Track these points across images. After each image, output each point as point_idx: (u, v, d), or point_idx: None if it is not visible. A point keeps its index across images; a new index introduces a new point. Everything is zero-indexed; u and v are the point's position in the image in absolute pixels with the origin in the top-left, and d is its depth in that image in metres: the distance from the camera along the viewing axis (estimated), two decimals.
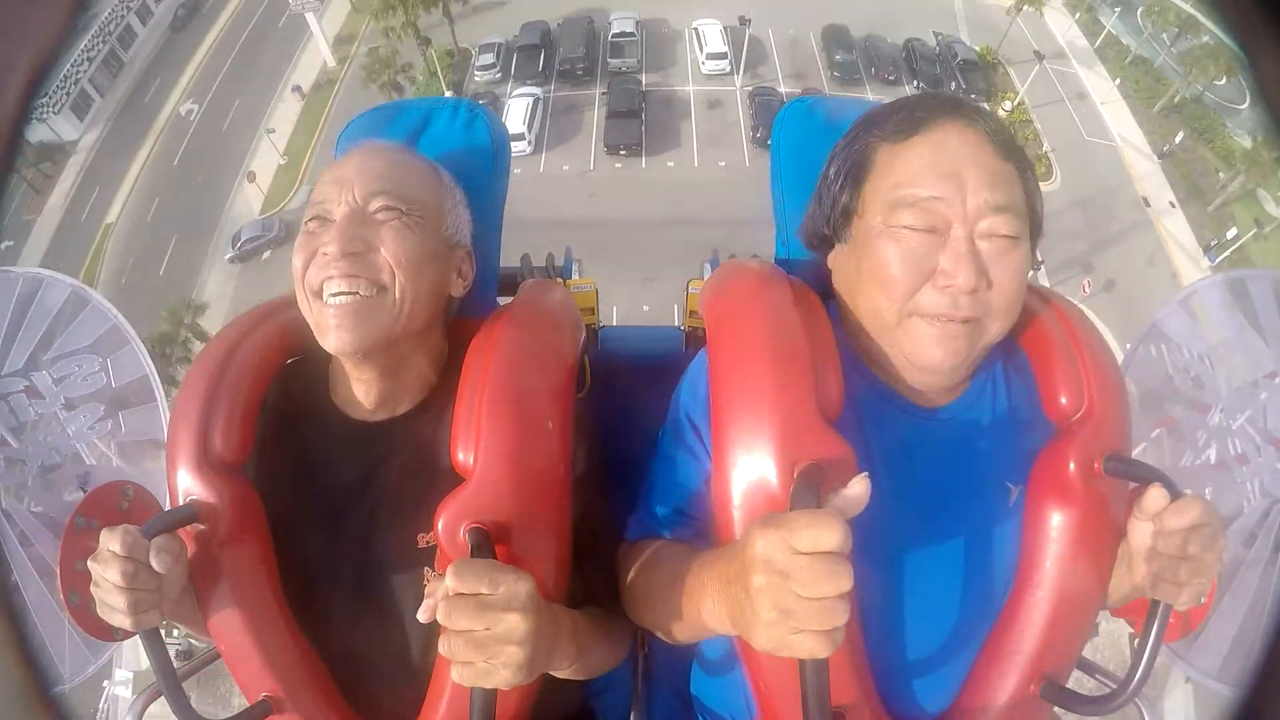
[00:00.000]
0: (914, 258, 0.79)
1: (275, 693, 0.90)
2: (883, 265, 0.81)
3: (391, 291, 0.86)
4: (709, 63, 24.53)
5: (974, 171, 0.78)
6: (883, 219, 0.81)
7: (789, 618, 0.61)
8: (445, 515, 0.82)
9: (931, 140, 0.81)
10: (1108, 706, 0.82)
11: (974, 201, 0.78)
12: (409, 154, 0.97)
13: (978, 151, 0.80)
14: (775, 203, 1.11)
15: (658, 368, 1.33)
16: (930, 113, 0.83)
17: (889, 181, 0.82)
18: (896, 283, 0.80)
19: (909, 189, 0.80)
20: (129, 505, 1.37)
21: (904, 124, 0.83)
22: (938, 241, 0.79)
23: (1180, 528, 0.73)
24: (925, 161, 0.80)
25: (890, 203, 0.81)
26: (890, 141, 0.84)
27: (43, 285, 1.38)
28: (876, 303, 0.83)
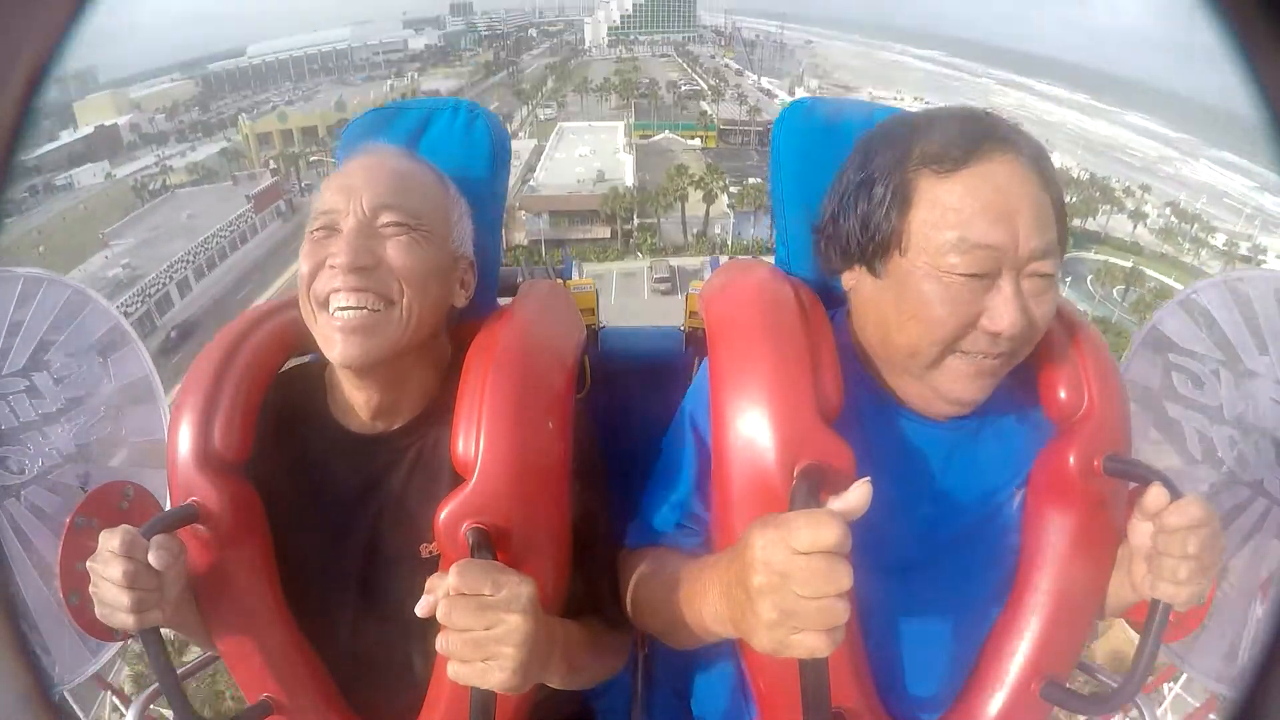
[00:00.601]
0: (962, 303, 0.77)
1: (275, 693, 0.90)
2: (928, 307, 0.78)
3: (399, 306, 0.86)
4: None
5: (1025, 214, 0.76)
6: (929, 260, 0.77)
7: (790, 618, 0.61)
8: (445, 515, 0.82)
9: (983, 175, 0.76)
10: (1108, 706, 0.82)
11: (1024, 249, 0.76)
12: (417, 163, 0.96)
13: (1026, 188, 0.77)
14: (774, 203, 1.11)
15: (658, 368, 1.33)
16: (979, 141, 0.78)
17: (938, 219, 0.77)
18: (942, 326, 0.78)
19: (961, 233, 0.76)
20: (129, 505, 1.37)
21: (954, 153, 0.78)
22: (985, 285, 0.77)
23: (1180, 527, 0.73)
24: (979, 203, 0.76)
25: (940, 245, 0.77)
26: (937, 170, 0.78)
27: (43, 286, 1.38)
28: (916, 341, 0.80)
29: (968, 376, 0.80)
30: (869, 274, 0.84)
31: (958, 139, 0.78)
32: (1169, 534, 0.74)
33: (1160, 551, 0.75)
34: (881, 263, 0.82)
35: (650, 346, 1.44)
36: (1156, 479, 0.76)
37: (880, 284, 0.83)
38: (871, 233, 0.82)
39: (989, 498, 0.89)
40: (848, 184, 0.86)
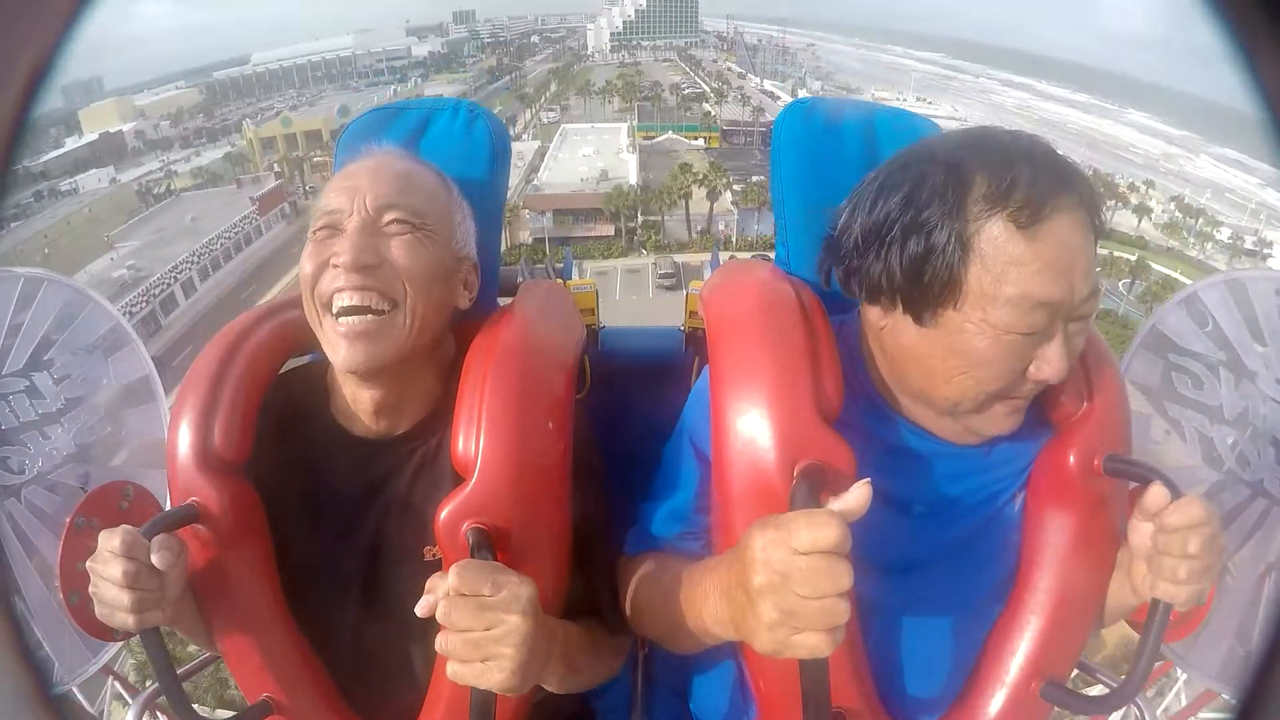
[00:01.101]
0: (1017, 359, 0.76)
1: (275, 693, 0.90)
2: (982, 366, 0.77)
3: (403, 308, 0.86)
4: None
5: (1081, 266, 0.74)
6: (985, 317, 0.75)
7: (790, 618, 0.61)
8: (446, 514, 0.82)
9: (1052, 234, 0.73)
10: (1108, 706, 0.82)
11: (1078, 300, 0.75)
12: (420, 164, 0.96)
13: (1087, 240, 0.75)
14: (775, 204, 1.11)
15: (657, 368, 1.33)
16: (1049, 192, 0.73)
17: (999, 274, 0.73)
18: (994, 382, 0.78)
19: (1024, 291, 0.73)
20: (129, 505, 1.37)
21: (1027, 205, 0.73)
22: (1040, 341, 0.76)
23: (1180, 527, 0.73)
24: (1045, 260, 0.73)
25: (1000, 302, 0.74)
26: (1008, 222, 0.73)
27: (43, 286, 1.38)
28: (963, 394, 0.79)
29: (1005, 416, 0.81)
30: (911, 320, 0.79)
31: (1032, 187, 0.73)
32: (1169, 534, 0.73)
33: (1160, 551, 0.75)
34: (931, 313, 0.78)
35: (650, 346, 1.44)
36: (1157, 478, 0.76)
37: (924, 333, 0.79)
38: (926, 281, 0.76)
39: (989, 497, 0.89)
40: (890, 217, 0.78)
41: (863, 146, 1.06)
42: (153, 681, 0.98)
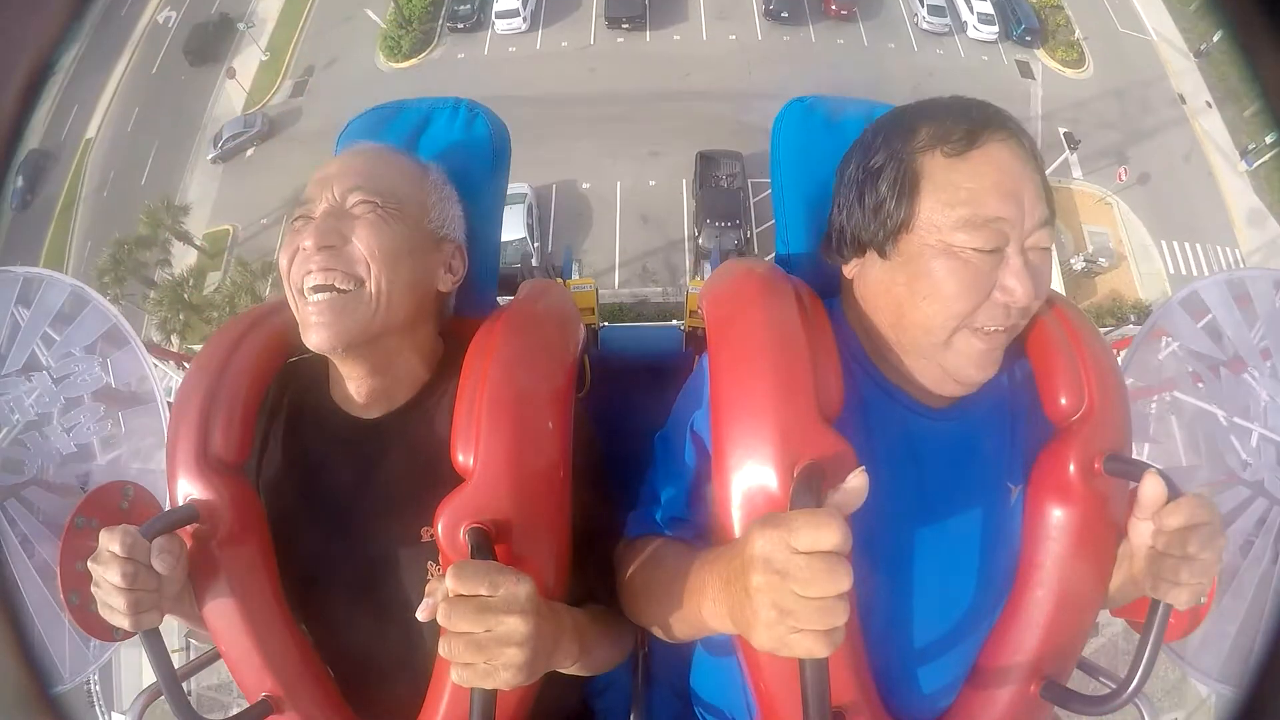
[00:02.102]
0: (979, 277, 0.79)
1: (275, 692, 0.90)
2: (943, 284, 0.80)
3: (368, 285, 0.87)
4: None
5: (1028, 190, 0.80)
6: (941, 237, 0.80)
7: (788, 617, 0.61)
8: (445, 515, 0.82)
9: (989, 157, 0.80)
10: (1108, 706, 0.82)
11: (1029, 221, 0.79)
12: (393, 151, 0.98)
13: (1026, 167, 0.81)
14: (775, 202, 1.11)
15: (658, 367, 1.33)
16: (981, 125, 0.81)
17: (949, 198, 0.80)
18: (958, 301, 0.80)
19: (975, 209, 0.79)
20: (129, 505, 1.37)
21: (958, 134, 0.81)
22: (996, 259, 0.80)
23: (1180, 526, 0.72)
24: (989, 180, 0.79)
25: (951, 222, 0.79)
26: (944, 153, 0.81)
27: (43, 285, 1.38)
28: (931, 319, 0.82)
29: (978, 354, 0.82)
30: (878, 256, 0.86)
31: (961, 122, 0.82)
32: (1169, 534, 0.73)
33: (1160, 551, 0.75)
34: (892, 244, 0.84)
35: (650, 346, 1.44)
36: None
37: (890, 265, 0.85)
38: (883, 218, 0.83)
39: (990, 496, 0.89)
40: (852, 177, 0.88)
41: None
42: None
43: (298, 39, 21.83)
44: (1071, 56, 20.40)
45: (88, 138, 20.62)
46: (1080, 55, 20.75)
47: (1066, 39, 20.66)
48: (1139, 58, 21.25)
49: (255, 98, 20.59)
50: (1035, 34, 20.50)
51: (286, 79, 20.89)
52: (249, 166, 18.80)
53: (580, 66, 19.42)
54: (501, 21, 19.51)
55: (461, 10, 19.59)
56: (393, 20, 19.62)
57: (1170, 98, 20.12)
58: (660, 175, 16.56)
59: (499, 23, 19.40)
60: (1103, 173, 17.84)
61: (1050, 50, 20.53)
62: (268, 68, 21.32)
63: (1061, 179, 17.37)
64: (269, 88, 20.80)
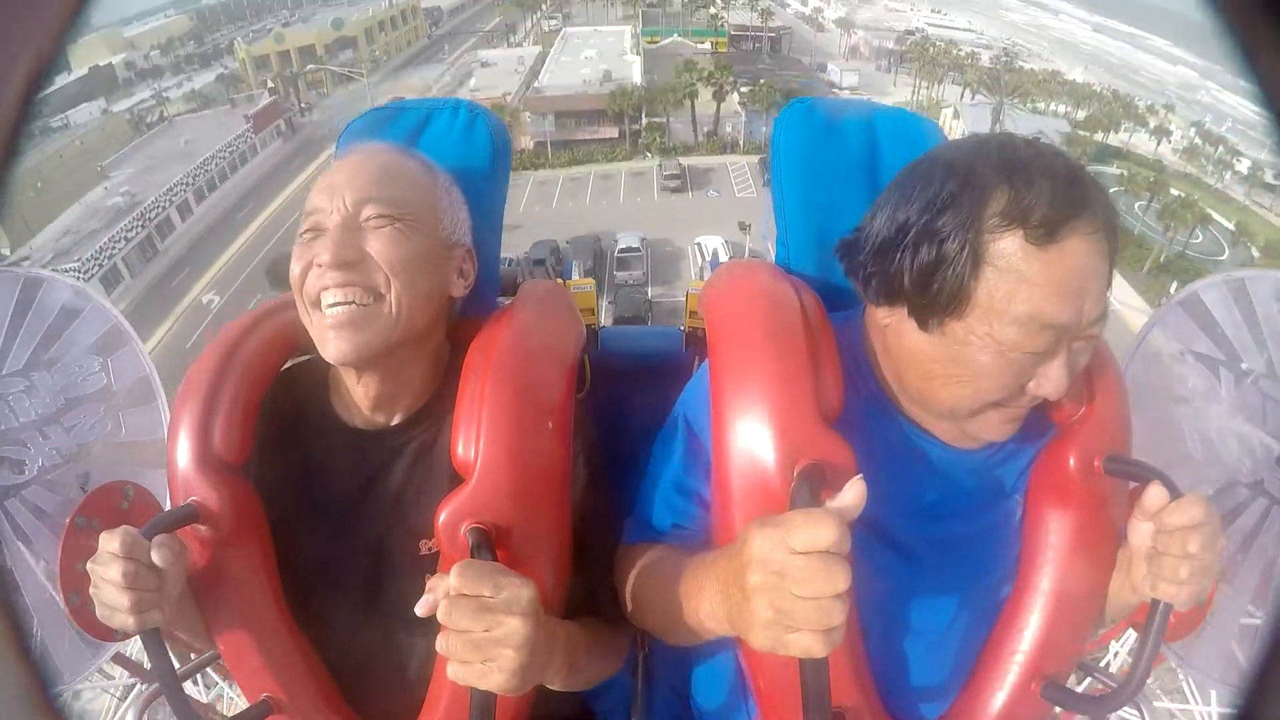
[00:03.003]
0: (1020, 374, 0.76)
1: (275, 693, 0.90)
2: (981, 378, 0.77)
3: (388, 298, 0.86)
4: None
5: (1093, 290, 0.74)
6: (991, 332, 0.74)
7: (786, 617, 0.61)
8: (445, 514, 0.82)
9: (1065, 253, 0.72)
10: (1108, 706, 0.82)
11: (1086, 323, 0.75)
12: (402, 155, 0.96)
13: (1100, 264, 0.74)
14: (775, 204, 1.11)
15: (658, 368, 1.33)
16: (1068, 213, 0.72)
17: (1010, 291, 0.72)
18: (992, 394, 0.78)
19: (1033, 312, 0.72)
20: (129, 505, 1.37)
21: (1040, 222, 0.72)
22: (1043, 360, 0.76)
23: (1180, 526, 0.72)
24: (1058, 282, 0.72)
25: (1007, 320, 0.73)
26: (1023, 238, 0.72)
27: (43, 285, 1.38)
28: (958, 400, 0.80)
29: (1001, 424, 0.81)
30: (916, 325, 0.79)
31: (1047, 202, 0.72)
32: (1169, 534, 0.73)
33: (1160, 551, 0.75)
34: (937, 320, 0.77)
35: (650, 346, 1.44)
36: (1156, 479, 0.76)
37: (928, 339, 0.79)
38: (935, 289, 0.75)
39: (990, 497, 0.89)
40: (906, 221, 0.78)
41: (863, 146, 1.06)
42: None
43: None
44: None
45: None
46: None
47: None
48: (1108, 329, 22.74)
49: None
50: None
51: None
52: None
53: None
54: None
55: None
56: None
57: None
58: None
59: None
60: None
61: None
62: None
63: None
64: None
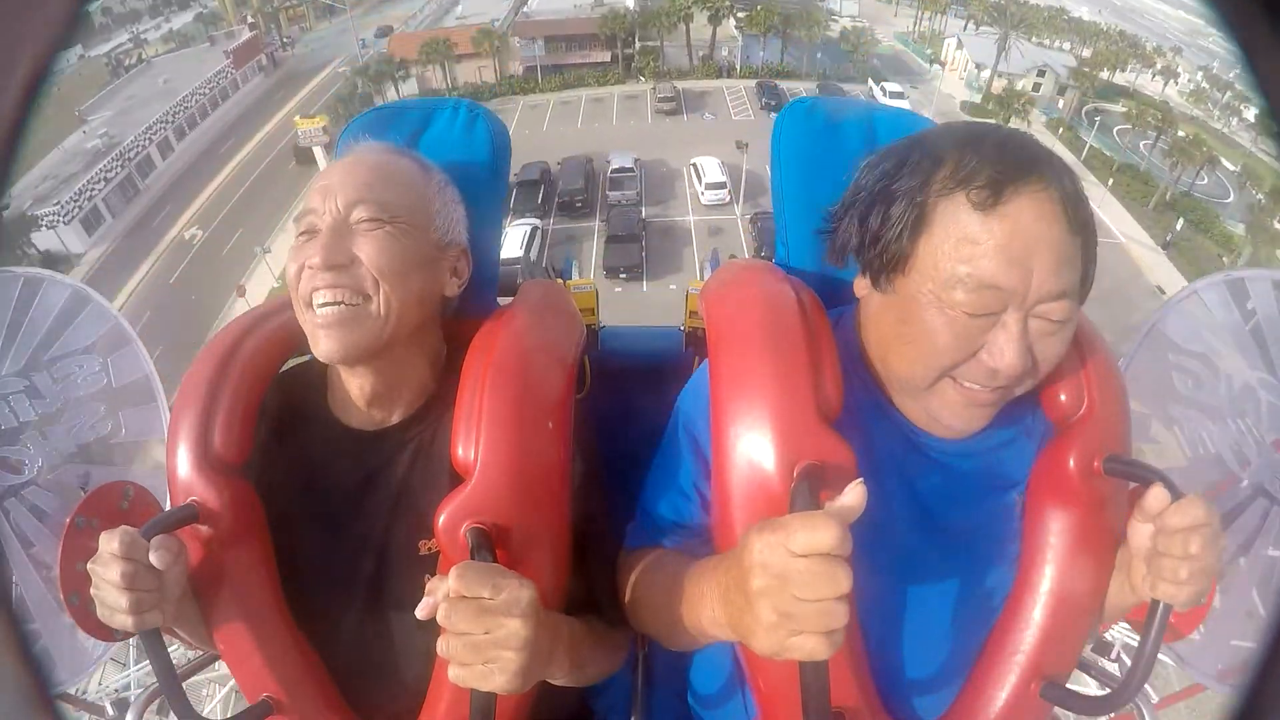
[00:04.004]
0: (964, 338, 0.75)
1: (275, 693, 0.89)
2: (927, 337, 0.76)
3: (376, 299, 0.86)
4: (708, 193, 24.91)
5: (1044, 257, 0.72)
6: (935, 289, 0.74)
7: (788, 620, 0.60)
8: (445, 515, 0.82)
9: (1009, 217, 0.72)
10: (1108, 706, 0.82)
11: (1036, 290, 0.73)
12: (396, 155, 0.96)
13: (1053, 230, 0.72)
14: (775, 204, 1.11)
15: (658, 368, 1.33)
16: (1012, 174, 0.72)
17: (950, 250, 0.73)
18: (939, 357, 0.77)
19: (972, 269, 0.72)
20: (129, 505, 1.37)
21: (988, 186, 0.72)
22: (990, 321, 0.74)
23: (1181, 527, 0.72)
24: (998, 241, 0.72)
25: (947, 277, 0.73)
26: (967, 201, 0.73)
27: (43, 285, 1.38)
28: (911, 366, 0.80)
29: (962, 406, 0.79)
30: (874, 288, 0.82)
31: (995, 162, 0.73)
32: (1169, 534, 0.73)
33: (1161, 552, 0.75)
34: (887, 279, 0.80)
35: (650, 346, 1.44)
36: (1157, 479, 0.76)
37: (884, 300, 0.81)
38: (880, 249, 0.78)
39: (990, 496, 0.89)
40: (867, 185, 0.82)
41: (863, 146, 1.05)
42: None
43: None
44: None
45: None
46: None
47: None
48: (1112, 261, 22.74)
49: None
50: None
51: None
52: None
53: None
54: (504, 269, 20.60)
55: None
56: None
57: (1150, 289, 21.65)
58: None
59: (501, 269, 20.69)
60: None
61: None
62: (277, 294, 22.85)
63: None
64: None
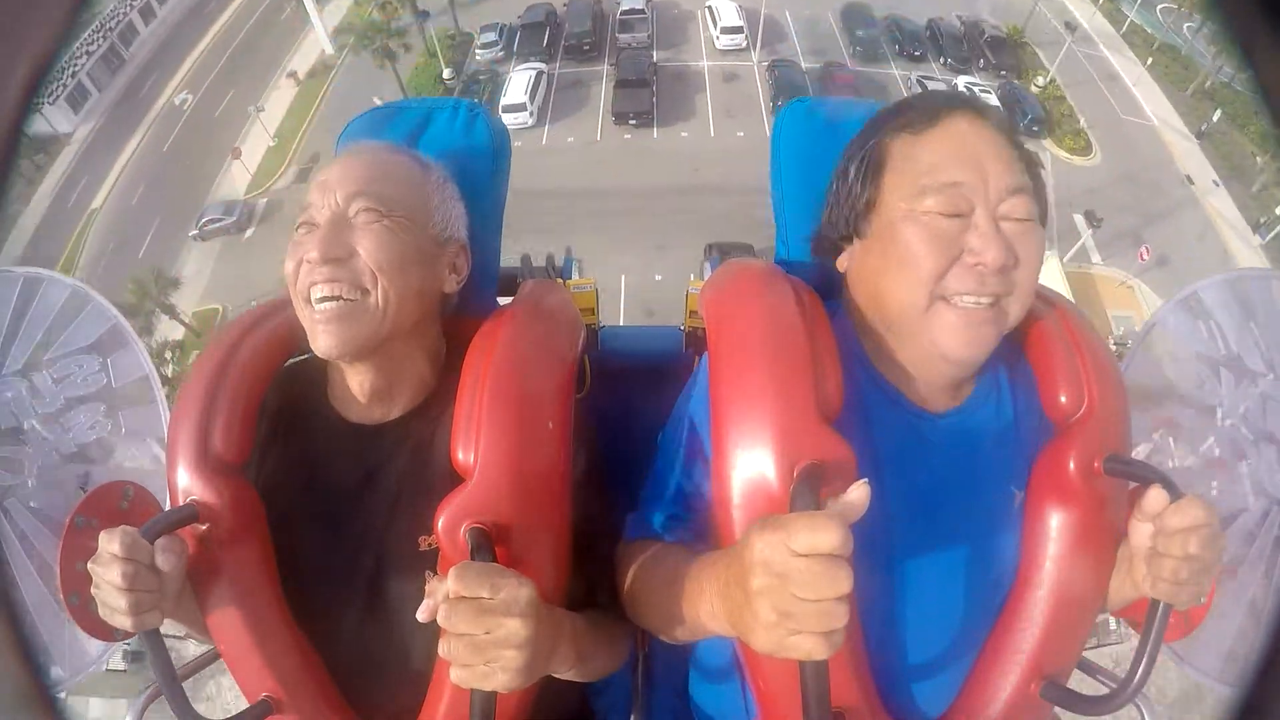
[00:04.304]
0: (943, 239, 0.80)
1: (275, 693, 0.90)
2: (910, 248, 0.81)
3: (374, 294, 0.87)
4: (724, 38, 23.96)
5: (992, 158, 0.81)
6: (907, 205, 0.82)
7: (788, 620, 0.61)
8: (445, 515, 0.82)
9: (948, 131, 0.83)
10: (1108, 706, 0.82)
11: (995, 185, 0.80)
12: (394, 152, 0.97)
13: (993, 140, 0.83)
14: (775, 204, 1.11)
15: (658, 368, 1.33)
16: (944, 105, 0.85)
17: (910, 171, 0.83)
18: (925, 263, 0.81)
19: (932, 176, 0.81)
20: (129, 505, 1.37)
21: (919, 116, 0.85)
22: (963, 224, 0.80)
23: (1181, 528, 0.73)
24: (946, 150, 0.82)
25: (914, 190, 0.82)
26: (907, 133, 0.85)
27: (43, 285, 1.38)
28: (905, 289, 0.83)
29: (961, 327, 0.81)
30: (856, 239, 0.90)
31: (926, 99, 0.87)
32: (1169, 535, 0.73)
33: (1160, 552, 0.75)
34: (865, 223, 0.88)
35: (650, 346, 1.44)
36: (1157, 479, 0.76)
37: (866, 244, 0.88)
38: (852, 201, 0.88)
39: (992, 499, 0.89)
40: (837, 171, 0.93)
41: None
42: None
43: (306, 126, 22.75)
44: (1079, 145, 21.18)
45: (93, 208, 21.04)
46: (1087, 143, 21.46)
47: (1072, 128, 21.44)
48: (1143, 143, 21.91)
49: (260, 181, 21.39)
50: (1041, 124, 21.18)
51: (292, 165, 21.62)
52: (247, 248, 19.13)
53: (587, 161, 19.76)
54: (508, 116, 19.85)
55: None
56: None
57: (1178, 178, 20.57)
58: (667, 269, 16.53)
59: (505, 117, 19.56)
60: (1121, 257, 18.12)
61: (1058, 140, 21.29)
62: (275, 152, 22.20)
63: (1081, 264, 17.75)
64: (274, 172, 21.59)
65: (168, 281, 17.21)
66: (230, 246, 19.46)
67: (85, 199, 21.40)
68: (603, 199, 18.17)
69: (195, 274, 18.95)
